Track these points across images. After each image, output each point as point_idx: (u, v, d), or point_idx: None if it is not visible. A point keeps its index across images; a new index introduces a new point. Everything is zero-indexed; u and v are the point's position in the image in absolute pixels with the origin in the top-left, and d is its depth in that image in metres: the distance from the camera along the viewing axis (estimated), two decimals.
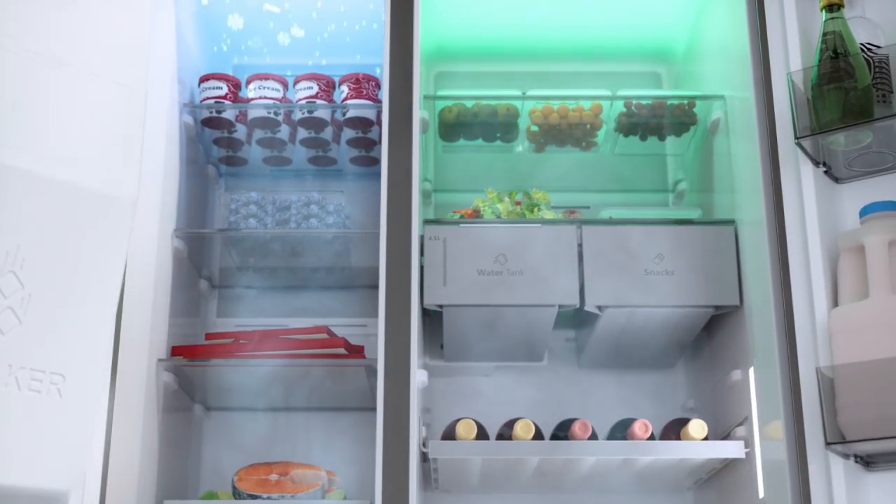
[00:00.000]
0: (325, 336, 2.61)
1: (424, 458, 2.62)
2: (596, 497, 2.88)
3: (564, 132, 2.88)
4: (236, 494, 2.55)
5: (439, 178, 3.02)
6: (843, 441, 2.01)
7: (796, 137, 2.19)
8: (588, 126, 2.85)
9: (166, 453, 2.61)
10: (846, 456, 2.08)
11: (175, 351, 2.61)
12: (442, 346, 2.89)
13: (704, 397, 2.86)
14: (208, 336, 2.74)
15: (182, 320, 2.77)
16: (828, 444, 2.04)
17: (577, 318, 2.85)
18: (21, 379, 2.00)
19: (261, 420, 2.92)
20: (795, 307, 2.22)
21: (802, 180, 2.26)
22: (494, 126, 2.87)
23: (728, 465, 2.62)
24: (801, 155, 2.25)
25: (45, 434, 2.03)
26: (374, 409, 2.39)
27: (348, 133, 2.88)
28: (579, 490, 2.85)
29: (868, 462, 2.12)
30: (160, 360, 2.54)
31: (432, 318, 2.80)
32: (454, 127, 2.87)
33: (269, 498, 2.51)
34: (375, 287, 2.46)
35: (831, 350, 2.11)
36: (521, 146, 2.96)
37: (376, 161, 2.96)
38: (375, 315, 2.44)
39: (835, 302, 2.17)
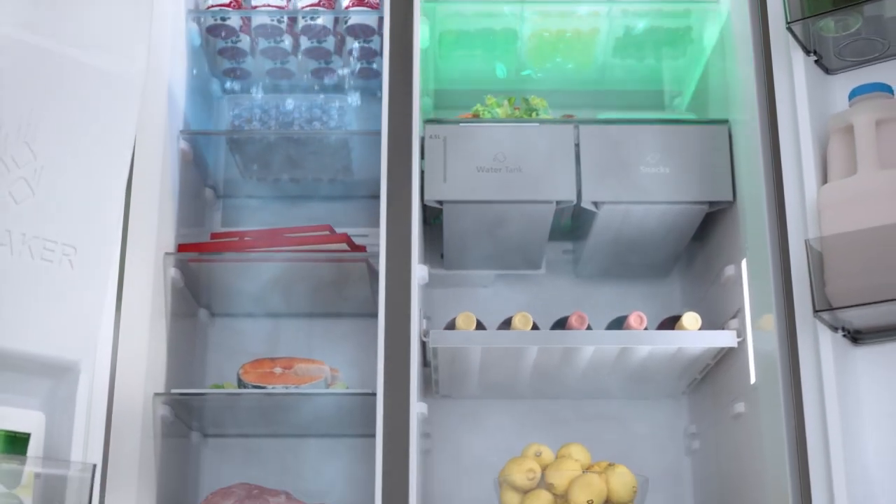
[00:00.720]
0: (327, 233, 2.67)
1: (426, 362, 2.69)
2: (593, 404, 2.96)
3: (562, 50, 2.94)
4: (241, 386, 2.61)
5: (438, 95, 3.08)
6: (831, 308, 2.07)
7: (788, 22, 2.25)
8: (585, 41, 2.91)
9: (173, 354, 2.68)
10: (834, 329, 2.14)
11: (182, 248, 2.67)
12: (442, 256, 2.95)
13: (698, 304, 2.91)
14: (213, 235, 2.80)
15: (188, 230, 2.83)
16: (816, 311, 2.10)
17: (573, 227, 2.92)
18: (34, 248, 2.06)
19: (264, 325, 2.99)
20: (787, 192, 2.28)
21: (794, 69, 2.31)
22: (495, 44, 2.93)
23: (720, 362, 2.69)
24: (793, 44, 2.31)
25: (57, 303, 2.09)
26: (375, 315, 2.45)
27: (350, 43, 2.94)
28: (576, 395, 2.92)
29: (855, 337, 2.18)
30: (167, 253, 2.60)
31: (432, 228, 2.87)
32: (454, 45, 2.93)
33: (273, 388, 2.58)
34: (377, 197, 2.52)
35: (820, 226, 2.17)
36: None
37: (378, 74, 3.01)
38: (377, 225, 2.50)
39: (824, 182, 2.23)
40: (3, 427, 1.99)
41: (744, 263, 2.53)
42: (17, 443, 1.98)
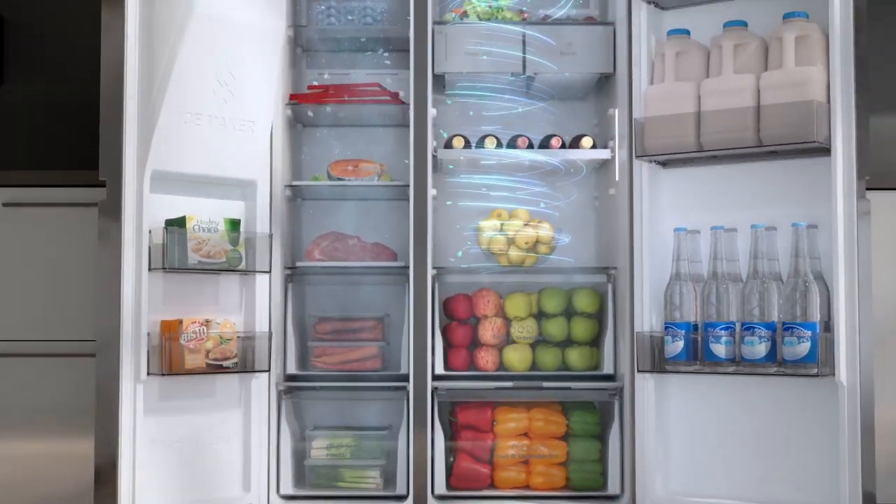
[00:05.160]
0: None
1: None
2: (529, 183, 4.92)
3: None
4: (329, 178, 4.60)
5: None
6: (646, 155, 4.02)
7: None
8: None
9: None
10: (650, 161, 4.09)
11: None
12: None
13: (598, 125, 4.82)
14: None
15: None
16: (637, 156, 4.04)
17: None
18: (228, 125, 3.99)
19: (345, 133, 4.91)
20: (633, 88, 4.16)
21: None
22: None
23: (603, 165, 4.64)
24: None
25: (242, 150, 4.05)
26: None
27: None
28: (522, 177, 4.86)
29: (663, 163, 4.13)
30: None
31: None
32: None
33: (347, 180, 4.56)
34: None
35: (645, 110, 4.07)
36: None
37: None
38: None
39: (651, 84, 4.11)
40: (229, 217, 4.02)
41: (616, 112, 4.42)
42: (235, 224, 4.00)
